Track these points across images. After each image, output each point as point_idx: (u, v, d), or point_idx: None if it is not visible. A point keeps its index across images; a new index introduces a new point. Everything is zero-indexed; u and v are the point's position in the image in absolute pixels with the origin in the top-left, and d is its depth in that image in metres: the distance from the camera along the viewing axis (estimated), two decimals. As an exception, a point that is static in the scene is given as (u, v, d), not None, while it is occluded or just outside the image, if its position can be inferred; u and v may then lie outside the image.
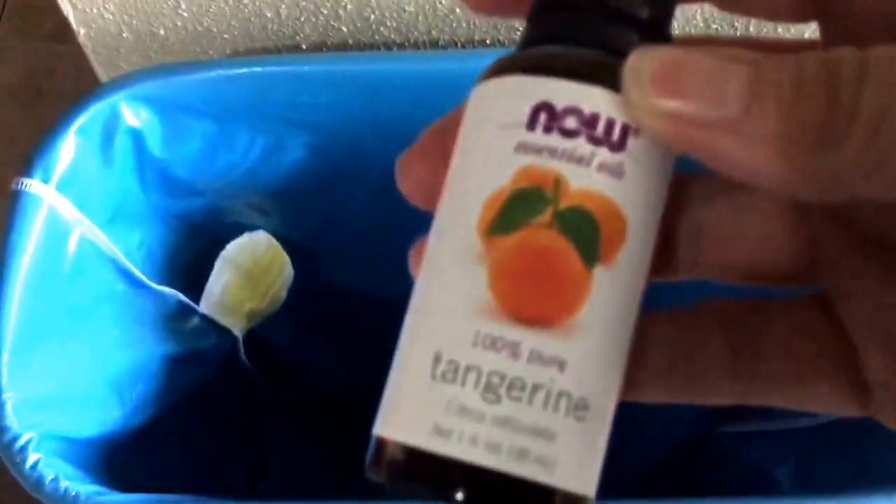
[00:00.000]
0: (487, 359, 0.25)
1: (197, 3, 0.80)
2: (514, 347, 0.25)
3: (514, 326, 0.25)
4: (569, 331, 0.25)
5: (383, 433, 0.26)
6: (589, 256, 0.25)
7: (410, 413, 0.25)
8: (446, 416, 0.25)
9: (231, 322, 0.87)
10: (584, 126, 0.25)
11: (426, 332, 0.26)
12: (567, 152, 0.25)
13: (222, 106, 0.77)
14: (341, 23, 0.83)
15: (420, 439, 0.25)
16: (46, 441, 0.64)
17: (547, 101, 0.25)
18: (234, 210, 0.87)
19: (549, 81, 0.25)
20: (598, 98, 0.25)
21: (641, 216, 0.26)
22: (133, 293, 0.79)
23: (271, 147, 0.81)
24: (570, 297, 0.25)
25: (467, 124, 0.27)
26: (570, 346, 0.25)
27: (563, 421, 0.25)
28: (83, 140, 0.72)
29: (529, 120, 0.25)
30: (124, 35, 0.84)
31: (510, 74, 0.26)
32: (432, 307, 0.26)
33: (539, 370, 0.25)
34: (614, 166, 0.25)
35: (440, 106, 0.78)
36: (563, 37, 0.26)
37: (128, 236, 0.79)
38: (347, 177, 0.84)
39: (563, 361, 0.25)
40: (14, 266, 0.67)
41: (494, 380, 0.25)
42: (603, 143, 0.25)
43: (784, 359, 0.28)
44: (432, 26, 0.83)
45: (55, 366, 0.70)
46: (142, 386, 0.79)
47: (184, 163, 0.80)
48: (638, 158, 0.25)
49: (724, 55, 0.24)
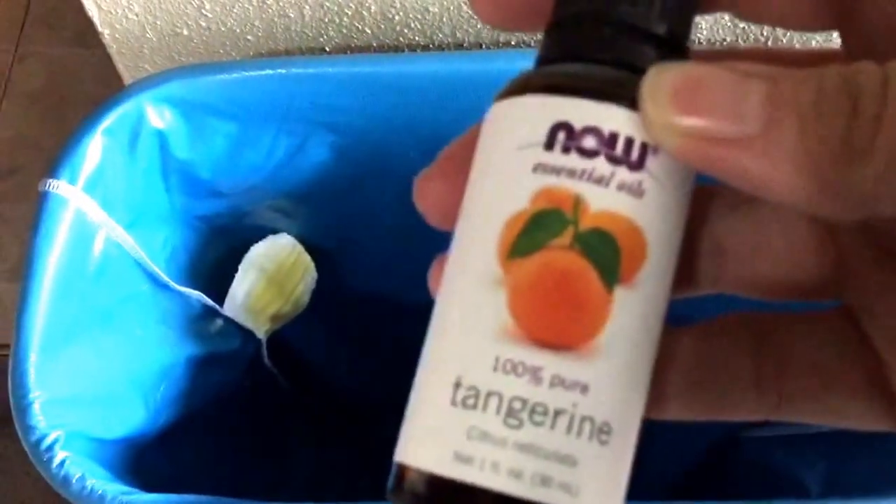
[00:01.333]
0: (508, 384, 0.24)
1: (221, 3, 0.80)
2: (535, 372, 0.24)
3: (535, 351, 0.24)
4: (590, 354, 0.25)
5: (404, 460, 0.26)
6: (609, 278, 0.25)
7: (431, 439, 0.25)
8: (468, 442, 0.24)
9: (255, 325, 0.87)
10: (603, 145, 0.25)
11: (446, 357, 0.26)
12: (586, 172, 0.25)
13: (246, 107, 0.77)
14: (365, 24, 0.83)
15: (442, 466, 0.25)
16: (73, 440, 0.65)
17: (565, 120, 0.25)
18: (258, 212, 0.87)
19: (566, 101, 0.25)
20: (617, 117, 0.25)
21: (662, 235, 0.25)
22: (158, 294, 0.79)
23: (295, 149, 0.81)
24: (591, 319, 0.25)
25: (484, 144, 0.27)
26: (592, 370, 0.24)
27: (587, 446, 0.24)
28: (109, 141, 0.72)
29: (548, 140, 0.25)
30: (148, 35, 0.84)
31: (527, 94, 0.26)
32: (452, 331, 0.26)
33: (561, 395, 0.24)
34: (634, 185, 0.25)
35: (464, 108, 0.78)
36: (580, 55, 0.26)
37: (152, 238, 0.79)
38: (371, 179, 0.84)
39: (586, 385, 0.24)
40: (41, 267, 0.67)
41: (516, 405, 0.24)
42: (622, 162, 0.25)
43: (811, 374, 0.28)
44: (456, 28, 0.83)
45: (82, 366, 0.70)
46: (166, 387, 0.80)
47: (208, 164, 0.80)
48: (657, 177, 0.25)
49: (742, 70, 0.23)
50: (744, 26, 0.79)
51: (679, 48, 0.26)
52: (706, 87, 0.23)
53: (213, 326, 0.86)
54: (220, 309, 0.85)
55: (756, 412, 0.29)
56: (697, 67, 0.24)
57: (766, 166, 0.23)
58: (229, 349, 0.87)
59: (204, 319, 0.85)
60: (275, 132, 0.79)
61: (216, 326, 0.86)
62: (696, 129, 0.23)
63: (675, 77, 0.24)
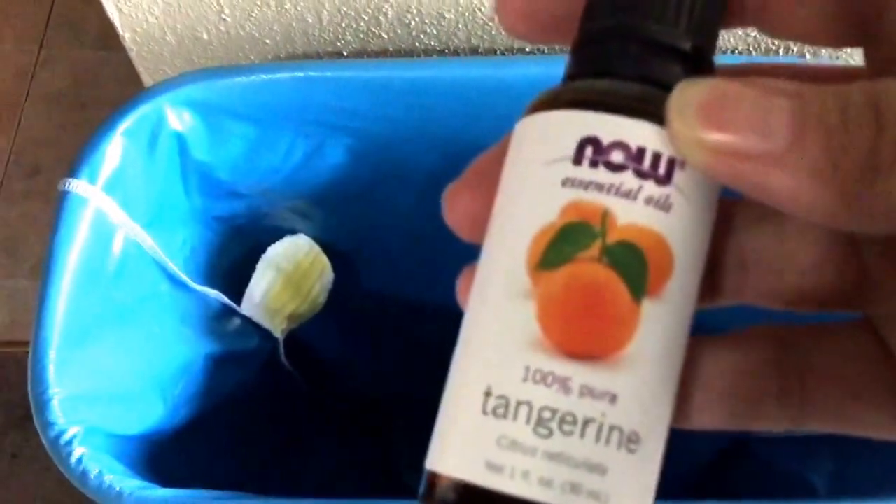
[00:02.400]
0: (538, 394, 0.25)
1: (240, 7, 0.81)
2: (564, 382, 0.25)
3: (564, 361, 0.25)
4: (619, 364, 0.25)
5: (436, 468, 0.26)
6: (637, 290, 0.25)
7: (462, 448, 0.25)
8: (498, 451, 0.25)
9: (272, 324, 0.88)
10: (631, 160, 0.25)
11: (476, 367, 0.26)
12: (614, 187, 0.25)
13: (264, 110, 0.77)
14: (382, 29, 0.83)
15: (472, 475, 0.25)
16: (91, 436, 0.65)
17: (593, 135, 0.25)
18: (275, 213, 0.88)
19: (594, 116, 0.25)
20: (644, 132, 0.25)
21: (688, 248, 0.26)
22: (176, 294, 0.80)
23: (312, 151, 0.81)
24: (619, 330, 0.25)
25: (513, 159, 0.27)
26: (621, 380, 0.25)
27: (615, 454, 0.25)
28: (129, 142, 0.73)
29: (576, 155, 0.25)
30: (168, 39, 0.85)
31: (555, 109, 0.26)
32: (482, 342, 0.26)
33: (590, 404, 0.25)
34: (661, 199, 0.25)
35: (479, 113, 0.78)
36: (608, 71, 0.27)
37: (171, 238, 0.80)
38: (387, 182, 0.84)
39: (614, 395, 0.25)
40: (60, 265, 0.68)
41: (546, 415, 0.25)
42: (649, 176, 0.25)
43: (834, 385, 0.28)
44: (472, 34, 0.83)
45: (100, 363, 0.71)
46: (184, 384, 0.80)
47: (226, 166, 0.80)
48: (684, 191, 0.25)
49: (769, 87, 0.24)
50: (755, 35, 0.79)
51: (704, 63, 0.27)
52: (733, 102, 0.23)
53: (231, 325, 0.86)
54: (237, 308, 0.85)
55: (779, 423, 0.29)
56: (724, 83, 0.24)
57: (792, 181, 0.23)
58: (246, 348, 0.88)
59: (222, 318, 0.85)
60: (292, 135, 0.80)
61: (234, 325, 0.87)
62: (722, 144, 0.23)
63: (702, 93, 0.24)
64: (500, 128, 0.28)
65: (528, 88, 0.70)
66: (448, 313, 0.29)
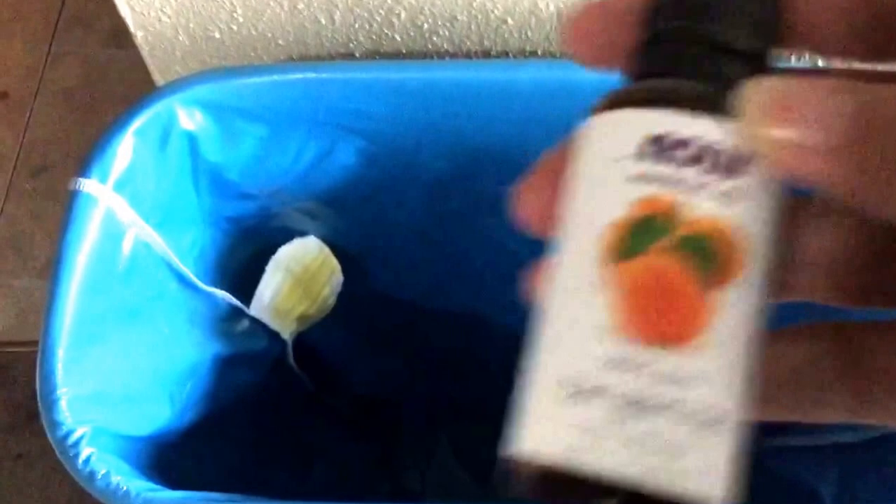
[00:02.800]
0: (615, 380, 0.26)
1: (252, 7, 0.81)
2: (640, 368, 0.26)
3: (639, 348, 0.26)
4: (693, 350, 0.26)
5: (518, 454, 0.27)
6: (709, 279, 0.26)
7: (543, 434, 0.26)
8: (578, 435, 0.26)
9: (280, 326, 0.88)
10: (699, 156, 0.26)
11: (554, 356, 0.27)
12: (683, 181, 0.26)
13: (276, 111, 0.77)
14: (394, 31, 0.83)
15: (554, 459, 0.26)
16: (99, 436, 0.65)
17: (661, 132, 0.26)
18: (285, 214, 0.87)
19: (662, 114, 0.26)
20: (711, 128, 0.26)
21: (756, 240, 0.26)
22: (185, 294, 0.80)
23: (323, 152, 0.81)
24: (690, 318, 0.26)
25: (581, 156, 0.28)
26: (696, 365, 0.26)
27: (694, 437, 0.26)
28: (140, 142, 0.73)
29: (645, 151, 0.26)
30: (180, 38, 0.85)
31: (623, 108, 0.27)
32: (559, 331, 0.27)
33: (666, 389, 0.25)
34: (728, 193, 0.26)
35: (491, 115, 0.78)
36: (673, 71, 0.28)
37: (180, 238, 0.80)
38: (398, 184, 0.84)
39: (689, 380, 0.26)
40: (70, 264, 0.68)
41: (624, 400, 0.25)
42: (717, 171, 0.26)
43: (892, 379, 0.29)
44: (484, 36, 0.83)
45: (109, 363, 0.71)
46: (192, 385, 0.80)
47: (236, 166, 0.80)
48: (750, 185, 0.26)
49: (834, 84, 0.24)
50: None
51: (764, 63, 0.28)
52: (799, 100, 0.24)
53: (240, 326, 0.86)
54: (246, 309, 0.85)
55: (841, 414, 0.29)
56: (791, 81, 0.24)
57: (856, 177, 0.23)
58: (255, 349, 0.88)
59: (230, 319, 0.85)
60: (303, 136, 0.80)
61: (242, 327, 0.87)
62: (789, 140, 0.24)
63: (771, 91, 0.25)
64: (511, 131, 0.28)
65: (540, 91, 0.70)
66: (456, 316, 0.29)
